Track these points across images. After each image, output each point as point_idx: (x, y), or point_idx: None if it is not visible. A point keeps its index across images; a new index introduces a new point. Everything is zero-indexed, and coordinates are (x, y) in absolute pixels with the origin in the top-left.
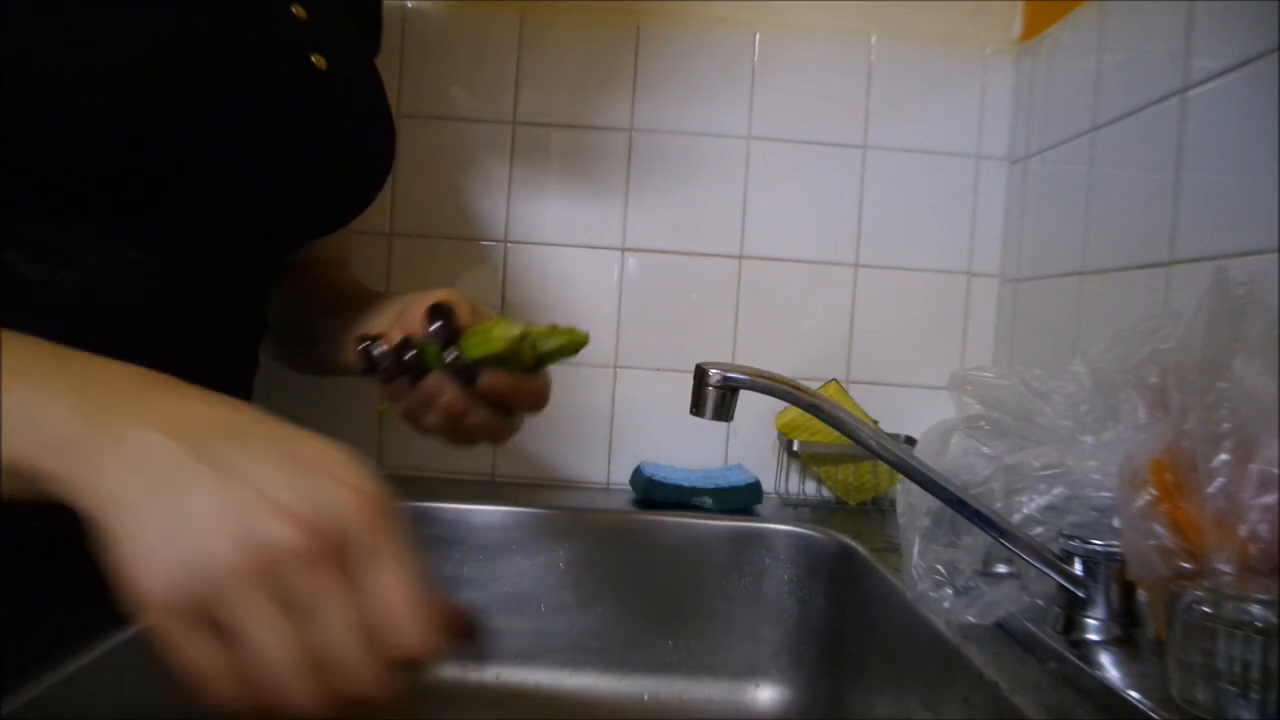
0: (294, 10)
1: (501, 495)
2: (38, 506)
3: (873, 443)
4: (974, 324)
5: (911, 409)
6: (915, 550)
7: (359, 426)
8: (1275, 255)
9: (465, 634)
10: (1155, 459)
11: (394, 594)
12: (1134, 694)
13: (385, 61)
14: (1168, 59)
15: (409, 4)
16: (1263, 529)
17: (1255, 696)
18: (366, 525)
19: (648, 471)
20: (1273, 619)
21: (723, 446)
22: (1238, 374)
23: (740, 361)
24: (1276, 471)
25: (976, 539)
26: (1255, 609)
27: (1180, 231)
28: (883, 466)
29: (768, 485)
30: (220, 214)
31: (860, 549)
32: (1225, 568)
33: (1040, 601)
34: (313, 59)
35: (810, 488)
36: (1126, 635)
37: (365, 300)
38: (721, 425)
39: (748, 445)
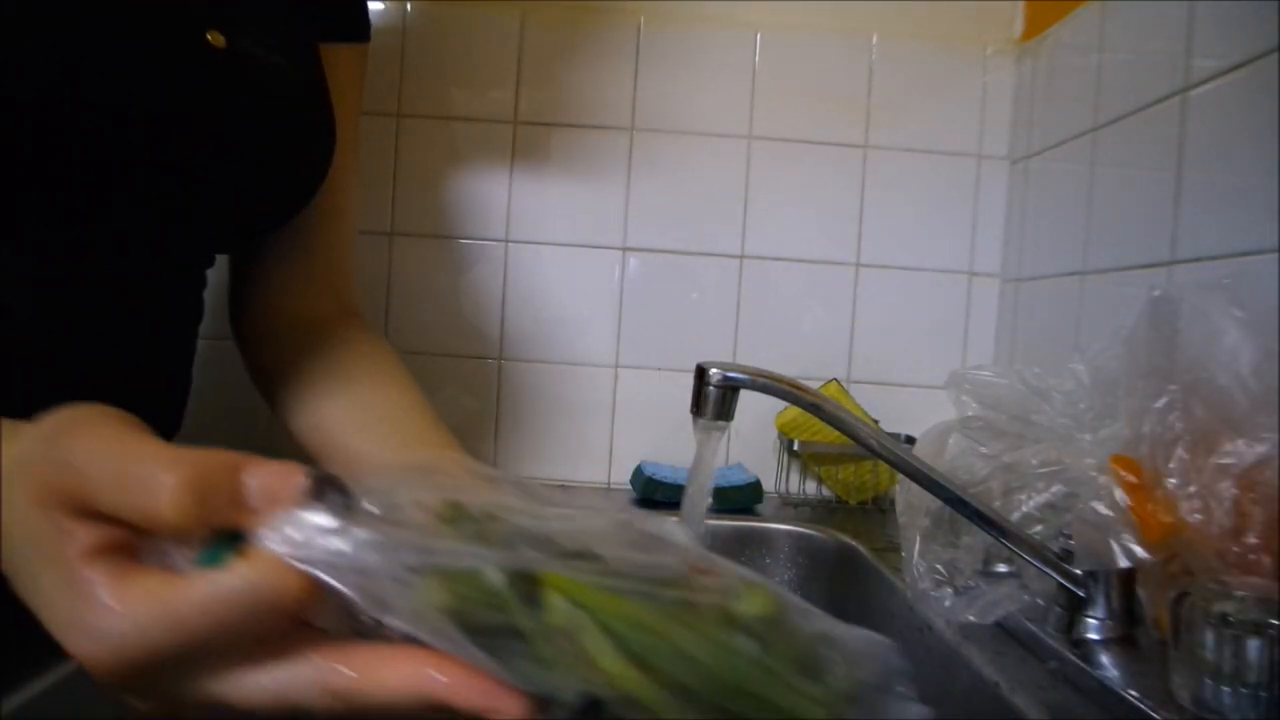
0: None
1: None
2: None
3: (873, 442)
4: (975, 324)
5: (912, 409)
6: (915, 550)
7: None
8: (1275, 255)
9: None
10: (1114, 456)
11: None
12: (1134, 693)
13: (385, 61)
14: (1168, 59)
15: (409, 4)
16: (1225, 519)
17: (1259, 694)
18: None
19: (648, 471)
20: (1272, 618)
21: (723, 446)
22: (1192, 379)
23: (741, 361)
24: (1235, 464)
25: (976, 538)
26: (1255, 608)
27: (1180, 231)
28: (883, 466)
29: (768, 485)
30: (127, 210)
31: (860, 549)
32: (1213, 564)
33: (1040, 601)
34: (208, 36)
35: (810, 487)
36: (1126, 634)
37: None
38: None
39: (748, 445)
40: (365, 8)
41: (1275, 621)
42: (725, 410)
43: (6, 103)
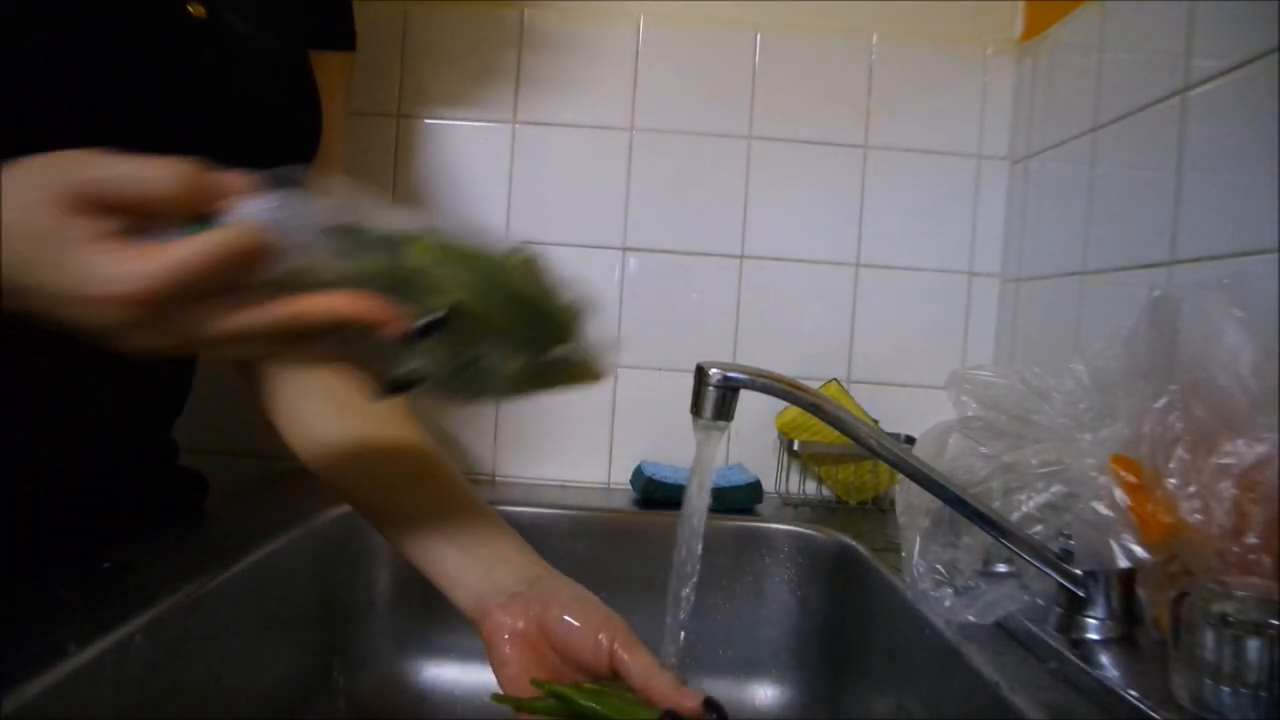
0: None
1: (502, 495)
2: (38, 507)
3: (873, 442)
4: (975, 324)
5: (912, 409)
6: (915, 550)
7: None
8: (1275, 255)
9: None
10: (1114, 456)
11: None
12: (1134, 693)
13: (385, 61)
14: (1168, 59)
15: (409, 4)
16: (1225, 519)
17: (1259, 694)
18: None
19: (648, 471)
20: (1272, 618)
21: (723, 446)
22: (1192, 379)
23: (741, 361)
24: (1235, 464)
25: (976, 538)
26: (1255, 608)
27: (1180, 231)
28: (883, 466)
29: (768, 485)
30: None
31: (860, 549)
32: (1213, 564)
33: (1040, 601)
34: (189, 7)
35: (810, 488)
36: (1126, 634)
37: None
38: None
39: (748, 445)
40: (352, 19)
41: (1275, 621)
42: (725, 410)
43: None
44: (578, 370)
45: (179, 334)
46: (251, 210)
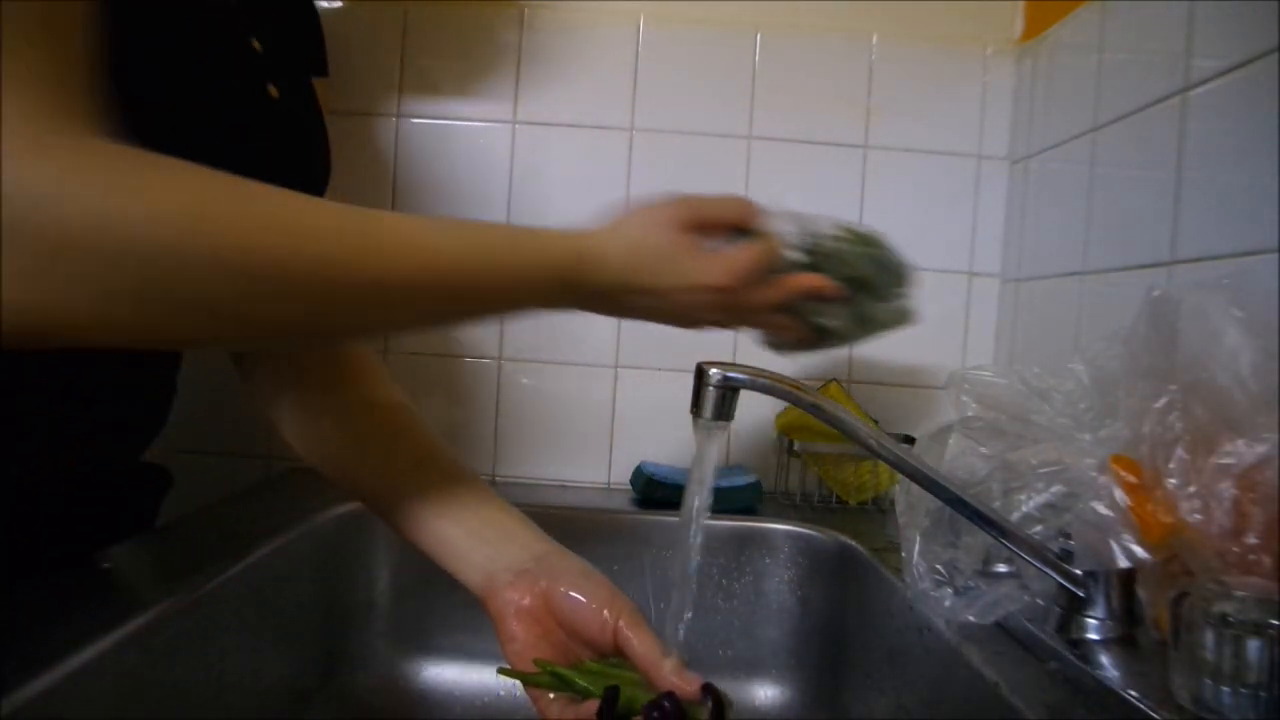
0: (253, 44)
1: (502, 495)
2: (37, 510)
3: (872, 442)
4: (975, 324)
5: (912, 409)
6: (915, 550)
7: None
8: (1275, 255)
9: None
10: (1114, 456)
11: None
12: (1134, 693)
13: (385, 61)
14: (1168, 59)
15: (409, 4)
16: (1225, 519)
17: (1259, 694)
18: None
19: (648, 471)
20: (1272, 618)
21: (723, 446)
22: (1192, 379)
23: (741, 361)
24: (1235, 464)
25: (976, 538)
26: (1255, 608)
27: (1180, 231)
28: (883, 466)
29: (768, 485)
30: None
31: (860, 549)
32: (1213, 564)
33: (1040, 601)
34: (269, 88)
35: (810, 488)
36: (1126, 635)
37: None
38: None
39: (748, 445)
40: (325, 48)
41: (1275, 621)
42: (725, 410)
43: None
44: (904, 314)
45: (734, 310)
46: (776, 224)
